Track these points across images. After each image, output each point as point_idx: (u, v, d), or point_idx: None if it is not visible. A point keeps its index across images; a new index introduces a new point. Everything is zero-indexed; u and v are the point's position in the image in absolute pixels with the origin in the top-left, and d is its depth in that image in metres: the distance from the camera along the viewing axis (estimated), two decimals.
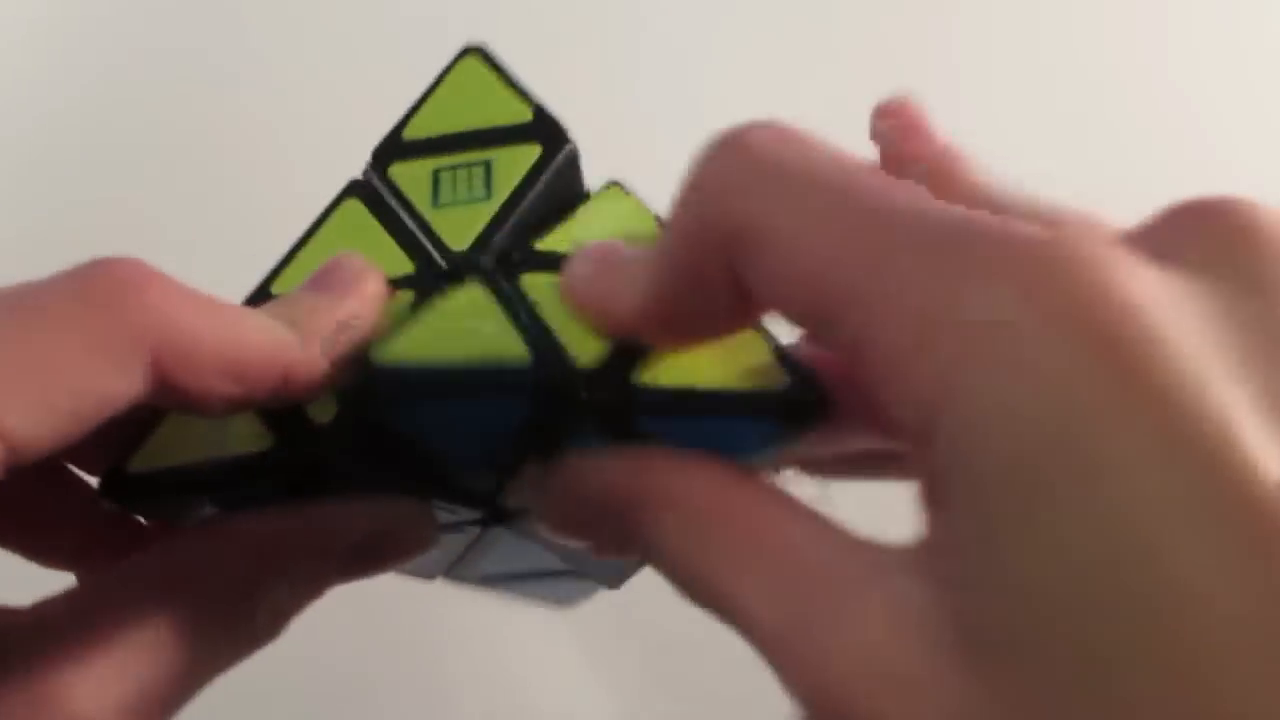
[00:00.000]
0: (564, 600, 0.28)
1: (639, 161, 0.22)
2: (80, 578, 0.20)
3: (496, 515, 0.21)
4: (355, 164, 0.22)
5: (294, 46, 0.56)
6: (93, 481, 0.21)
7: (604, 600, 0.27)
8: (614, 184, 0.21)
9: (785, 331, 0.18)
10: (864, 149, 0.50)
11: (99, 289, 0.15)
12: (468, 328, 0.18)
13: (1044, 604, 0.12)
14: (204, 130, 0.54)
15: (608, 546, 0.19)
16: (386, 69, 0.55)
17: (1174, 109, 0.51)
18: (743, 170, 0.15)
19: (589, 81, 0.52)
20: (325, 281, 0.19)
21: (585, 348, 0.18)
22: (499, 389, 0.18)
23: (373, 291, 0.19)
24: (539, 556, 0.23)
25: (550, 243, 0.20)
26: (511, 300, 0.19)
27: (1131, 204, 0.50)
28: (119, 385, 0.15)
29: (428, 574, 0.24)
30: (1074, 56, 0.53)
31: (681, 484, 0.16)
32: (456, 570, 0.25)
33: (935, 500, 0.14)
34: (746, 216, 0.15)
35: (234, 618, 0.18)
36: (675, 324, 0.17)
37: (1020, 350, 0.12)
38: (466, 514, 0.21)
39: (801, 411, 0.17)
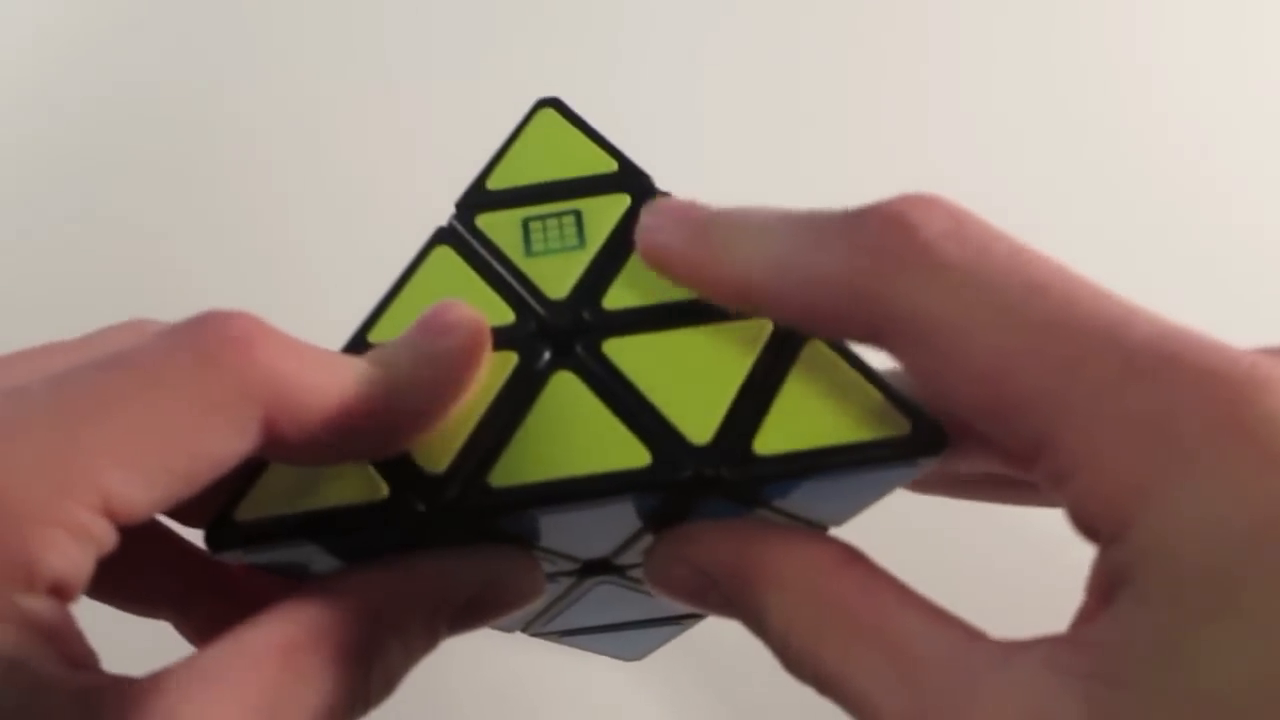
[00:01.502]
0: (636, 652, 0.28)
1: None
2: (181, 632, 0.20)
3: (596, 568, 0.21)
4: (346, 163, 0.22)
5: (293, 48, 0.57)
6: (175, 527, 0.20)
7: None
8: None
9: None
10: (862, 144, 0.51)
11: (213, 348, 0.15)
12: (574, 432, 0.18)
13: (1231, 712, 0.12)
14: (205, 134, 0.54)
15: (712, 612, 0.19)
16: (383, 69, 0.56)
17: (1174, 109, 0.52)
18: (910, 256, 0.15)
19: (588, 79, 0.53)
20: (431, 329, 0.19)
21: (697, 419, 0.18)
22: (622, 493, 0.18)
23: (480, 341, 0.19)
24: (631, 607, 0.23)
25: (619, 296, 0.20)
26: (607, 386, 0.19)
27: (1129, 205, 0.51)
28: (233, 445, 0.15)
29: (508, 627, 0.24)
30: (1074, 57, 0.54)
31: (793, 564, 0.17)
32: (538, 623, 0.24)
33: (1107, 597, 0.14)
34: (911, 306, 0.15)
35: (350, 684, 0.17)
36: (785, 313, 0.17)
37: (1234, 466, 0.13)
38: (565, 565, 0.21)
39: (926, 451, 0.17)
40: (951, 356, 0.15)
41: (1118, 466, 0.14)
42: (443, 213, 0.23)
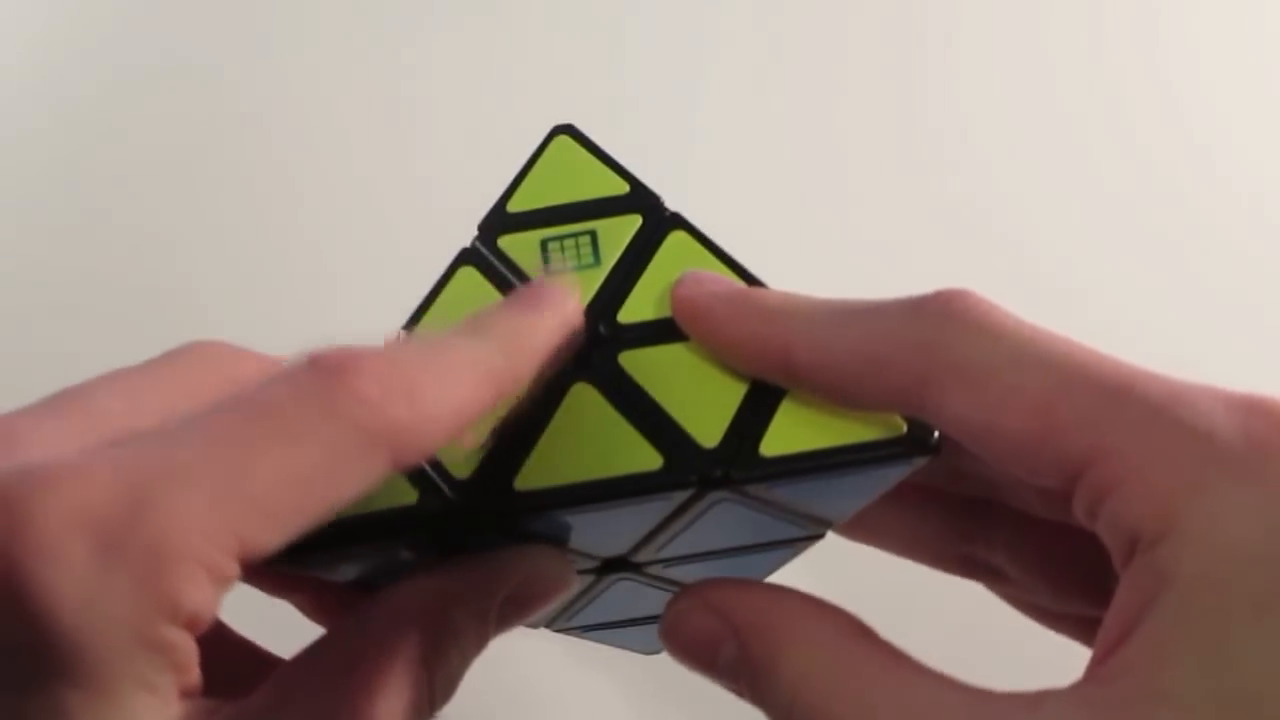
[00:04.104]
0: (655, 646, 0.29)
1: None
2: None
3: (615, 565, 0.23)
4: (352, 163, 0.23)
5: (292, 45, 0.59)
6: None
7: None
8: (677, 229, 0.23)
9: None
10: (859, 144, 0.53)
11: (342, 405, 0.16)
12: (591, 438, 0.20)
13: None
14: (213, 134, 0.56)
15: (714, 673, 0.19)
16: (387, 73, 0.58)
17: (1174, 109, 0.53)
18: (967, 318, 0.17)
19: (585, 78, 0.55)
20: (529, 303, 0.20)
21: (707, 424, 0.19)
22: (636, 495, 0.19)
23: (572, 310, 0.20)
24: (649, 602, 0.25)
25: (632, 312, 0.22)
26: (622, 394, 0.20)
27: (1128, 204, 0.51)
28: (357, 488, 0.16)
29: (535, 623, 0.26)
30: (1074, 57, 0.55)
31: (815, 623, 0.18)
32: (563, 618, 0.26)
33: (1136, 617, 0.14)
34: (966, 353, 0.17)
35: (415, 692, 0.18)
36: (823, 373, 0.19)
37: (1268, 466, 0.14)
38: (586, 562, 0.22)
39: (920, 450, 0.19)
40: (1003, 393, 0.16)
41: (1166, 469, 0.15)
42: (443, 212, 0.24)
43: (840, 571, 0.25)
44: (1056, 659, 0.19)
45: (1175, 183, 0.51)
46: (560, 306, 0.20)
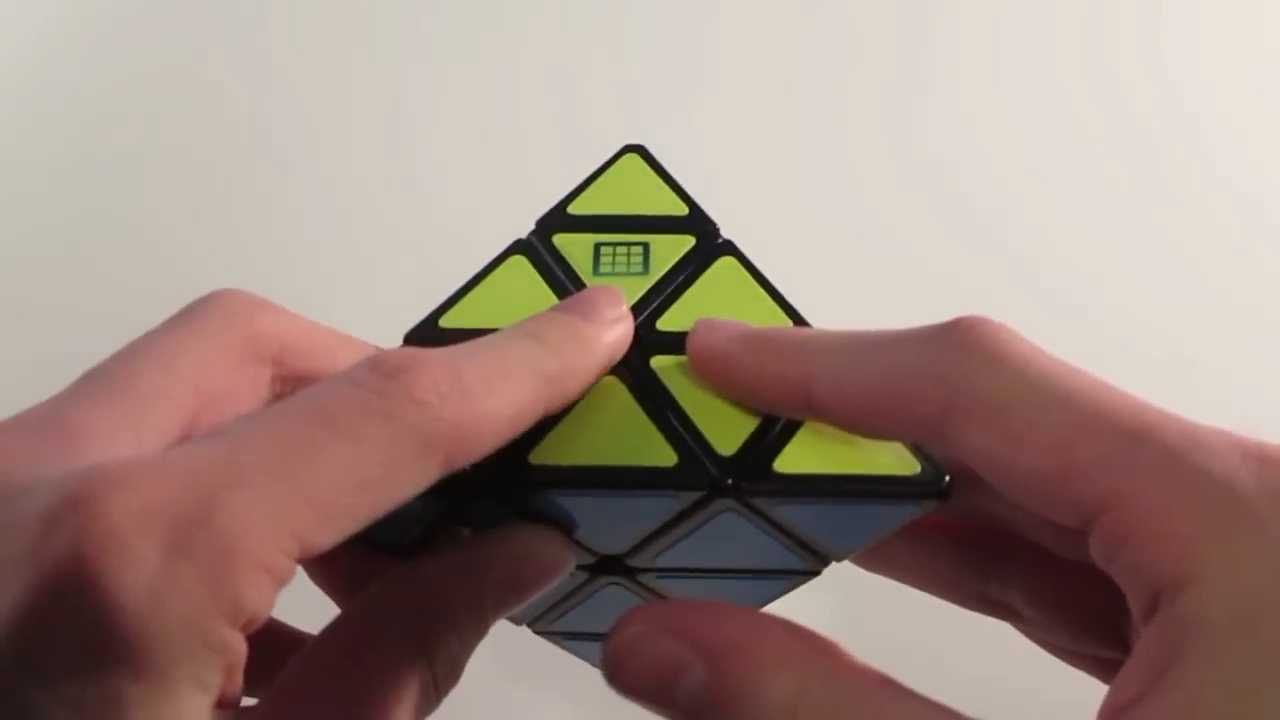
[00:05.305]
0: None
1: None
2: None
3: (610, 566, 0.23)
4: (349, 163, 0.24)
5: (292, 48, 0.61)
6: None
7: None
8: (727, 255, 0.23)
9: None
10: (859, 142, 0.54)
11: (402, 410, 0.16)
12: (612, 428, 0.20)
13: None
14: (211, 134, 0.58)
15: (667, 706, 0.18)
16: (379, 70, 0.59)
17: (1174, 109, 0.55)
18: (990, 349, 0.17)
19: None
20: (589, 310, 0.20)
21: (726, 434, 0.20)
22: (646, 488, 0.20)
23: (627, 329, 0.21)
24: None
25: (671, 321, 0.22)
26: (648, 393, 0.21)
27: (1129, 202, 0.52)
28: (414, 490, 0.17)
29: (519, 618, 0.26)
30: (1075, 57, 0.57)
31: (807, 647, 0.17)
32: (547, 619, 0.26)
33: (1163, 666, 0.14)
34: (988, 385, 0.17)
35: (417, 680, 0.19)
36: (846, 405, 0.19)
37: None
38: (584, 557, 0.22)
39: (934, 494, 0.19)
40: (1022, 429, 0.16)
41: (1186, 516, 0.15)
42: (442, 219, 0.24)
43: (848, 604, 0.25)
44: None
45: (1179, 184, 0.52)
46: (619, 320, 0.21)
